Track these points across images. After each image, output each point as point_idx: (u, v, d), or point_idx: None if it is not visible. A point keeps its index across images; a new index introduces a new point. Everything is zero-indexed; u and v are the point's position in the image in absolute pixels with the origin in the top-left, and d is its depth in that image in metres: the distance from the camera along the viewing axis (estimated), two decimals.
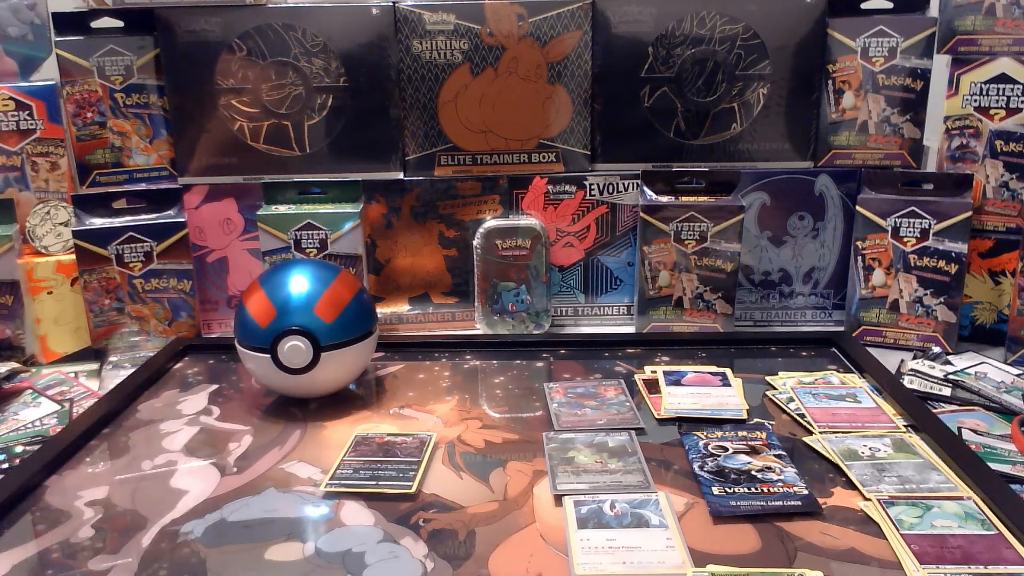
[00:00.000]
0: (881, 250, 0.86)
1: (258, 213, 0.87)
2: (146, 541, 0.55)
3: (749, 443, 0.65)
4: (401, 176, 0.91)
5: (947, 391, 0.74)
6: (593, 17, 0.86)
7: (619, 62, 0.88)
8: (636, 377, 0.78)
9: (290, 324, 0.70)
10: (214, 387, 0.79)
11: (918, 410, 0.69)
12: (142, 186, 0.89)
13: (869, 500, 0.57)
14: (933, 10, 0.87)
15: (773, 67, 0.88)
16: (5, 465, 0.66)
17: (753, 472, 0.61)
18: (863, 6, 0.88)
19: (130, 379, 0.79)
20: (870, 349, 0.84)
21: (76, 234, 0.84)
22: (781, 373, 0.79)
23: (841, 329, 0.92)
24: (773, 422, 0.70)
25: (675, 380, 0.77)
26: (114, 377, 0.82)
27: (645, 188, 0.90)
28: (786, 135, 0.90)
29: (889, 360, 0.80)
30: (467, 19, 0.85)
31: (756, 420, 0.70)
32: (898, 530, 0.53)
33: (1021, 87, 0.83)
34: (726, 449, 0.64)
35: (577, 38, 0.87)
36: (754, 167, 0.91)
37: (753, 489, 0.58)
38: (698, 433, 0.67)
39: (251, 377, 0.76)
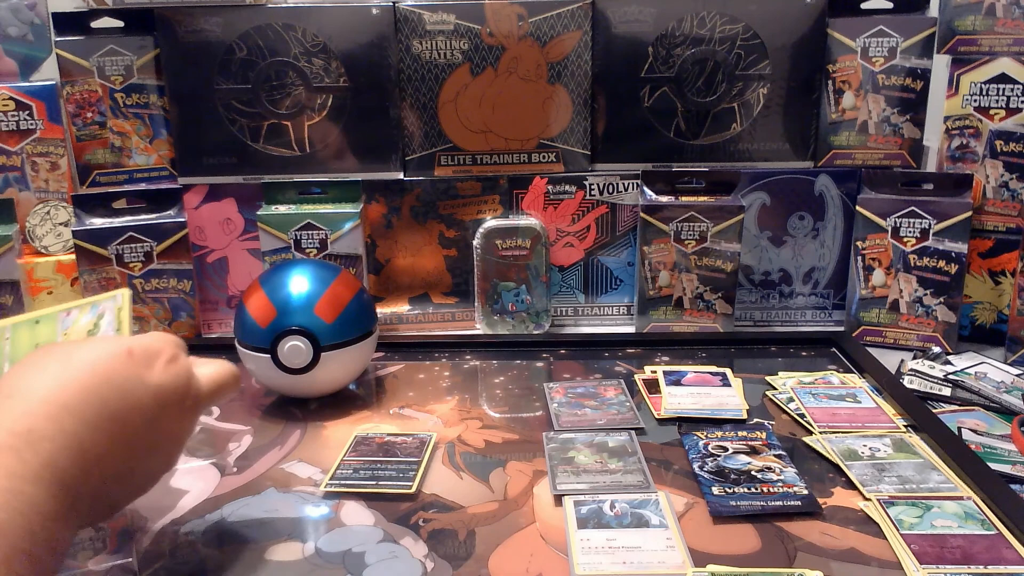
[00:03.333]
0: (881, 250, 0.86)
1: (258, 213, 0.87)
2: (146, 541, 0.55)
3: (749, 443, 0.65)
4: (401, 176, 0.91)
5: (947, 391, 0.74)
6: (593, 17, 0.86)
7: (619, 62, 0.88)
8: (636, 377, 0.78)
9: (290, 324, 0.70)
10: None
11: (918, 410, 0.69)
12: (142, 186, 0.89)
13: (869, 500, 0.57)
14: (933, 10, 0.87)
15: (773, 67, 0.88)
16: None
17: (753, 472, 0.61)
18: (863, 6, 0.88)
19: None
20: (870, 349, 0.84)
21: (76, 234, 0.84)
22: (781, 373, 0.79)
23: (841, 329, 0.92)
24: (773, 422, 0.70)
25: (675, 380, 0.77)
26: None
27: (645, 188, 0.90)
28: (786, 135, 0.90)
29: (889, 360, 0.80)
30: (467, 19, 0.85)
31: (756, 420, 0.70)
32: (898, 530, 0.53)
33: (1021, 87, 0.83)
34: (726, 449, 0.64)
35: (577, 38, 0.87)
36: (754, 167, 0.91)
37: (753, 489, 0.58)
38: (698, 433, 0.67)
39: (251, 377, 0.76)
